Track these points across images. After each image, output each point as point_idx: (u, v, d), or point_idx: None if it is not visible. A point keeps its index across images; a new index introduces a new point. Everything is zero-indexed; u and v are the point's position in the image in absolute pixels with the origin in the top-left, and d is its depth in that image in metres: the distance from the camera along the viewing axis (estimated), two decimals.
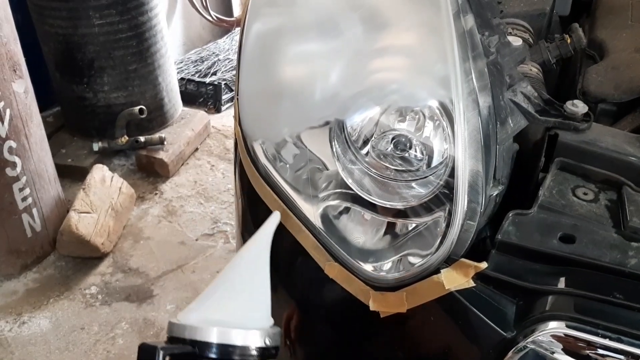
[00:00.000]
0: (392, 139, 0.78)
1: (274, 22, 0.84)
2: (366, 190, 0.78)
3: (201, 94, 3.48)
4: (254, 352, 0.65)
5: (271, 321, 0.69)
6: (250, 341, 0.64)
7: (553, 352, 0.63)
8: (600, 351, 0.62)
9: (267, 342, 0.66)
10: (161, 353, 0.60)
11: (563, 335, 0.63)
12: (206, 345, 0.63)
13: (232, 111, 3.48)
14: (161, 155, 2.85)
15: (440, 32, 0.71)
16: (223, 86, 3.48)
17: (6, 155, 2.06)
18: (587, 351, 0.63)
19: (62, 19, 2.62)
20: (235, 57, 3.72)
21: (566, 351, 0.64)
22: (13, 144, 2.07)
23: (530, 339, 0.63)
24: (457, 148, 0.67)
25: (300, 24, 0.81)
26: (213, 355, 0.63)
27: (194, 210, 2.67)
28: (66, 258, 2.37)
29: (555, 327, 0.63)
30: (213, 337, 0.63)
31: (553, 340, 0.63)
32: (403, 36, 0.76)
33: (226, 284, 0.69)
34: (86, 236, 2.27)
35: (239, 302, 0.67)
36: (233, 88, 3.55)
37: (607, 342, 0.60)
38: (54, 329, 2.10)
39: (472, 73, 0.71)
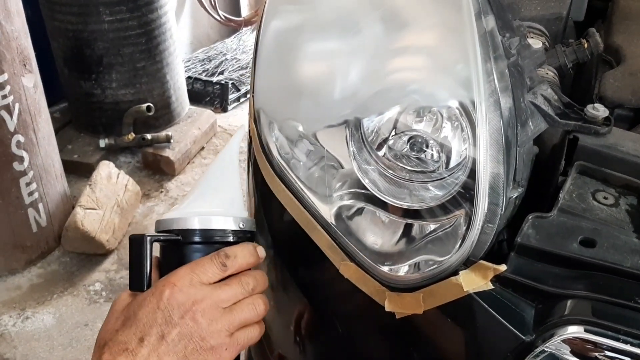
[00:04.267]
0: (409, 139, 0.78)
1: (292, 20, 0.84)
2: (382, 191, 0.77)
3: (208, 93, 3.49)
4: (231, 234, 0.73)
5: (245, 213, 0.78)
6: (226, 225, 0.73)
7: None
8: (619, 356, 0.62)
9: (241, 226, 0.75)
10: (148, 239, 0.70)
11: (582, 339, 0.62)
12: (190, 232, 0.72)
13: (238, 111, 3.49)
14: (167, 153, 2.85)
15: (462, 32, 0.70)
16: (230, 86, 3.48)
17: (14, 149, 2.06)
18: (605, 357, 0.62)
19: (72, 14, 2.62)
20: (242, 56, 3.73)
21: (584, 357, 0.63)
22: (21, 138, 2.08)
23: (549, 343, 0.62)
24: (479, 149, 0.67)
25: (320, 21, 0.81)
26: (197, 239, 0.72)
27: None
28: (71, 254, 2.37)
29: (575, 331, 0.62)
30: (195, 224, 0.72)
31: (572, 344, 0.63)
32: (424, 36, 0.75)
33: (203, 185, 0.78)
34: (91, 232, 2.27)
35: (216, 197, 0.76)
36: (240, 88, 3.55)
37: (628, 347, 0.60)
38: (58, 324, 2.09)
39: (493, 74, 0.70)
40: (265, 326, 0.75)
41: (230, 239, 0.73)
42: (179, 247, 0.72)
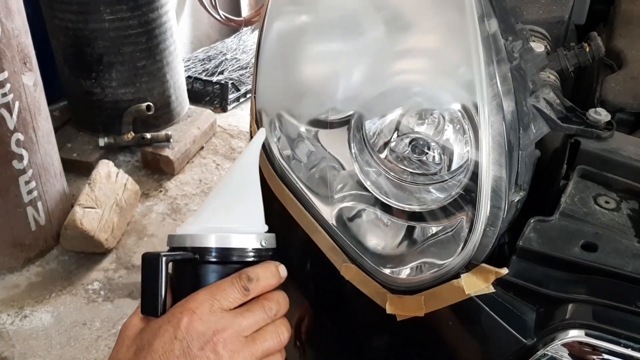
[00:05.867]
0: (410, 141, 0.78)
1: (295, 21, 0.84)
2: (383, 193, 0.77)
3: (208, 93, 3.49)
4: (251, 253, 0.67)
5: (265, 227, 0.72)
6: (247, 243, 0.67)
7: None
8: None
9: (263, 244, 0.69)
10: (164, 259, 0.63)
11: (581, 343, 0.63)
12: (206, 250, 0.66)
13: (237, 111, 3.49)
14: (167, 152, 2.85)
15: (465, 35, 0.70)
16: (230, 85, 3.48)
17: (14, 147, 2.06)
18: None
19: (72, 13, 2.62)
20: (242, 56, 3.73)
21: None
22: (21, 136, 2.07)
23: (550, 347, 0.62)
24: (482, 152, 0.67)
25: (323, 23, 0.81)
26: (213, 259, 0.66)
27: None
28: (69, 253, 2.37)
29: (576, 335, 0.62)
30: (212, 242, 0.66)
31: (569, 347, 0.63)
32: (427, 38, 0.75)
33: (220, 196, 0.72)
34: (90, 231, 2.27)
35: (234, 211, 0.70)
36: (239, 88, 3.55)
37: (629, 352, 0.60)
38: (56, 323, 2.09)
39: (496, 77, 0.70)
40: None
41: (251, 258, 0.68)
42: (195, 267, 0.66)
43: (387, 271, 0.73)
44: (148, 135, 2.84)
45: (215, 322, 0.61)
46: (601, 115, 0.77)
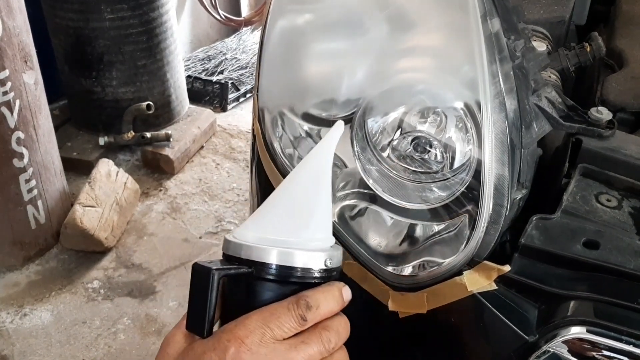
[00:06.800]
0: (412, 140, 0.78)
1: (298, 19, 0.84)
2: (386, 191, 0.78)
3: (207, 93, 3.49)
4: (317, 274, 0.59)
5: (332, 241, 0.64)
6: (311, 263, 0.59)
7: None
8: (618, 356, 0.62)
9: (328, 264, 0.60)
10: (216, 275, 0.57)
11: (581, 340, 0.63)
12: (264, 266, 0.58)
13: (237, 110, 3.49)
14: (167, 151, 2.85)
15: (468, 34, 0.71)
16: (230, 85, 3.48)
17: (14, 146, 2.06)
18: (603, 356, 0.63)
19: (73, 12, 2.62)
20: (242, 56, 3.73)
21: (582, 356, 0.64)
22: (21, 135, 2.07)
23: (552, 344, 0.63)
24: (484, 151, 0.67)
25: (326, 21, 0.81)
26: (271, 277, 0.58)
27: (198, 208, 2.67)
28: (69, 251, 2.37)
29: (578, 332, 0.62)
30: (272, 258, 0.58)
31: (569, 344, 0.63)
32: (430, 37, 0.76)
33: (286, 199, 0.63)
34: (90, 230, 2.27)
35: (299, 220, 0.61)
36: (239, 87, 3.55)
37: (630, 348, 0.60)
38: (56, 322, 2.09)
39: (499, 76, 0.71)
40: None
41: (313, 280, 0.59)
42: (249, 281, 0.59)
43: (389, 269, 0.73)
44: (148, 135, 2.84)
45: (265, 356, 0.55)
46: (603, 114, 0.78)
